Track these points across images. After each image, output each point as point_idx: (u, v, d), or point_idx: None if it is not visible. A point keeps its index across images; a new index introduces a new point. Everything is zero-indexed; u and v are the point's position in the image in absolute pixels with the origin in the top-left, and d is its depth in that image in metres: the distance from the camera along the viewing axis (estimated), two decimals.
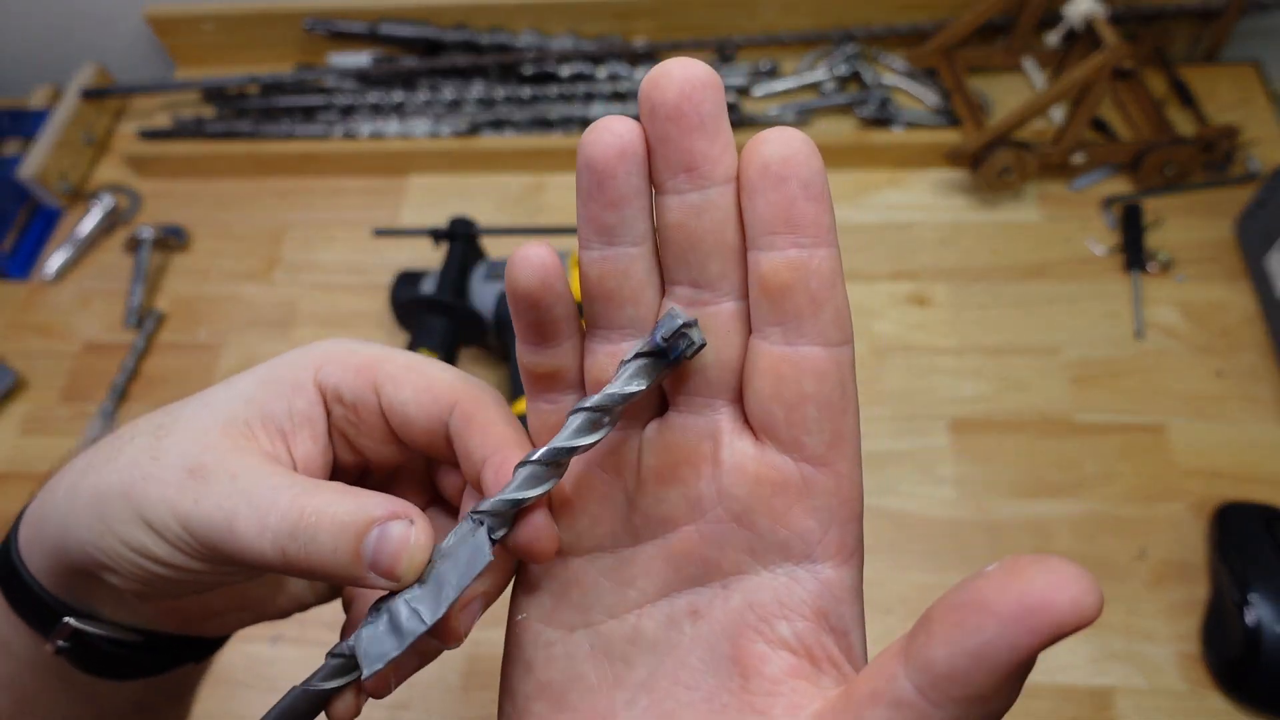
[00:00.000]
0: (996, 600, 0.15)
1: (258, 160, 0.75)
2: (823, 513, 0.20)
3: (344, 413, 0.24)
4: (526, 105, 0.74)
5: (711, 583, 0.20)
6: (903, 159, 0.69)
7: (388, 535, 0.20)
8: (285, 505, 0.21)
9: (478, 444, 0.22)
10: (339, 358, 0.24)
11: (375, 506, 0.21)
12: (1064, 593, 0.14)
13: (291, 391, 0.23)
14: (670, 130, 0.18)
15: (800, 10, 0.75)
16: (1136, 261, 0.62)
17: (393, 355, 0.24)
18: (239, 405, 0.23)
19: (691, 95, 0.18)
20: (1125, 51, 0.59)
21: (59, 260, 0.72)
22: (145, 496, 0.21)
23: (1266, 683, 0.46)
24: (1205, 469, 0.55)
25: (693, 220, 0.19)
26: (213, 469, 0.21)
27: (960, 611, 0.15)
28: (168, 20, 0.79)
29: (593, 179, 0.19)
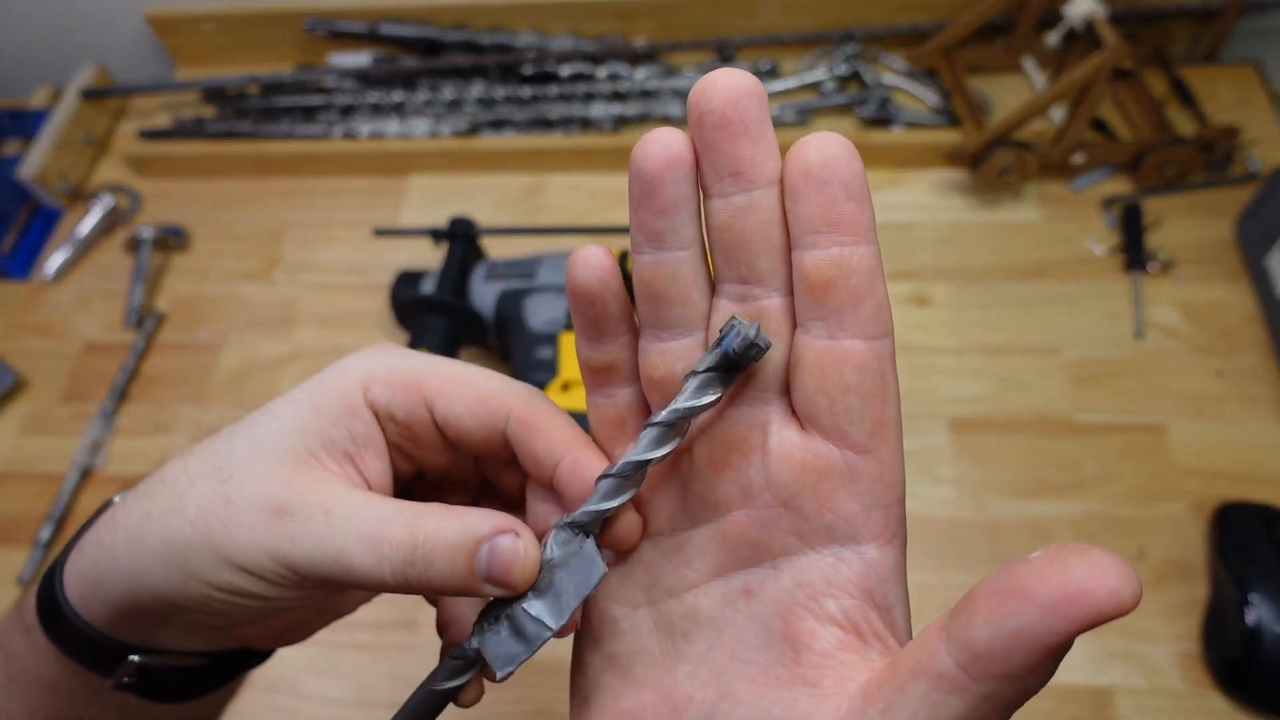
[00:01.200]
0: (1037, 587, 0.16)
1: (258, 160, 0.75)
2: (866, 497, 0.21)
3: (397, 429, 0.24)
4: (526, 105, 0.74)
5: (763, 564, 0.22)
6: (903, 159, 0.69)
7: (498, 550, 0.22)
8: (399, 536, 0.22)
9: (544, 449, 0.24)
10: (383, 375, 0.24)
11: (481, 524, 0.22)
12: (1103, 583, 0.15)
13: (347, 416, 0.24)
14: (717, 137, 0.20)
15: (800, 10, 0.75)
16: (1136, 261, 0.62)
17: (436, 366, 0.24)
18: (297, 437, 0.23)
19: (737, 104, 0.19)
20: (1125, 52, 0.59)
21: (59, 260, 0.72)
22: (232, 543, 0.22)
23: (1266, 682, 0.46)
24: (1205, 469, 0.55)
25: (740, 221, 0.20)
26: (299, 506, 0.22)
27: (1002, 595, 0.16)
28: (168, 20, 0.79)
29: (643, 188, 0.20)
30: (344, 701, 0.51)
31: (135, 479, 0.60)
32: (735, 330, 0.20)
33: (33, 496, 0.61)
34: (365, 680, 0.52)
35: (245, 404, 0.64)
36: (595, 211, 0.70)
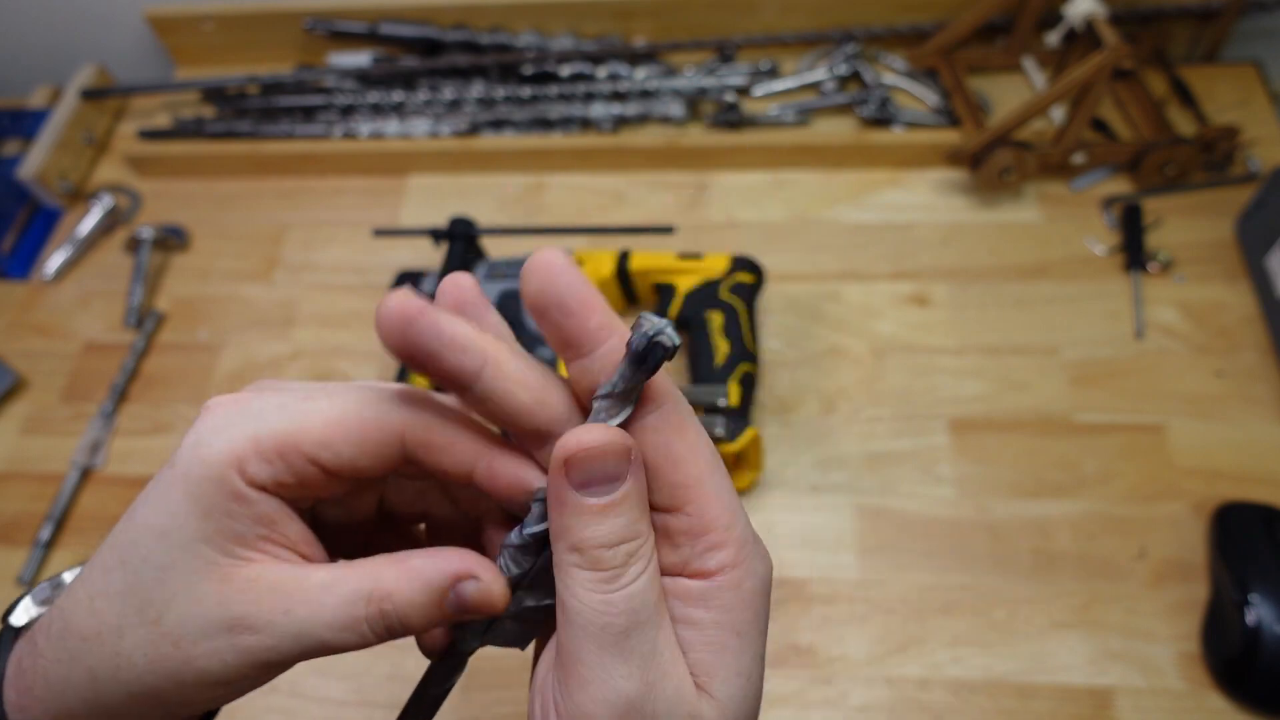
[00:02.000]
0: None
1: (258, 160, 0.75)
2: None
3: (293, 491, 0.23)
4: (526, 105, 0.74)
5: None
6: (903, 159, 0.69)
7: (464, 595, 0.23)
8: (368, 613, 0.22)
9: (450, 464, 0.23)
10: (252, 450, 0.22)
11: (438, 577, 0.22)
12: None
13: (237, 504, 0.22)
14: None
15: (800, 10, 0.75)
16: (1136, 261, 0.62)
17: (307, 414, 0.22)
18: (202, 548, 0.22)
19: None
20: (1125, 52, 0.59)
21: (59, 260, 0.72)
22: (203, 673, 0.22)
23: (1266, 682, 0.46)
24: (1205, 469, 0.55)
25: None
26: (254, 618, 0.22)
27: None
28: (168, 20, 0.79)
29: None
30: (344, 702, 0.51)
31: (135, 479, 0.61)
32: (644, 329, 0.20)
33: (32, 496, 0.61)
34: (365, 681, 0.52)
35: None
36: (595, 211, 0.71)
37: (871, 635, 0.51)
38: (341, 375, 0.64)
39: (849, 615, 0.51)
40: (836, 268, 0.65)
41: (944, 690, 0.49)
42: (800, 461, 0.57)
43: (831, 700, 0.49)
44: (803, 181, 0.70)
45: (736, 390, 0.53)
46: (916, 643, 0.50)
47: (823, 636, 0.51)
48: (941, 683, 0.49)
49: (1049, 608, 0.51)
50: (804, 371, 0.60)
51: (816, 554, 0.53)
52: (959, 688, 0.49)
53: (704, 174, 0.72)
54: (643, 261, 0.60)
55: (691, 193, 0.71)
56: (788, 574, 0.53)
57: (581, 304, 0.21)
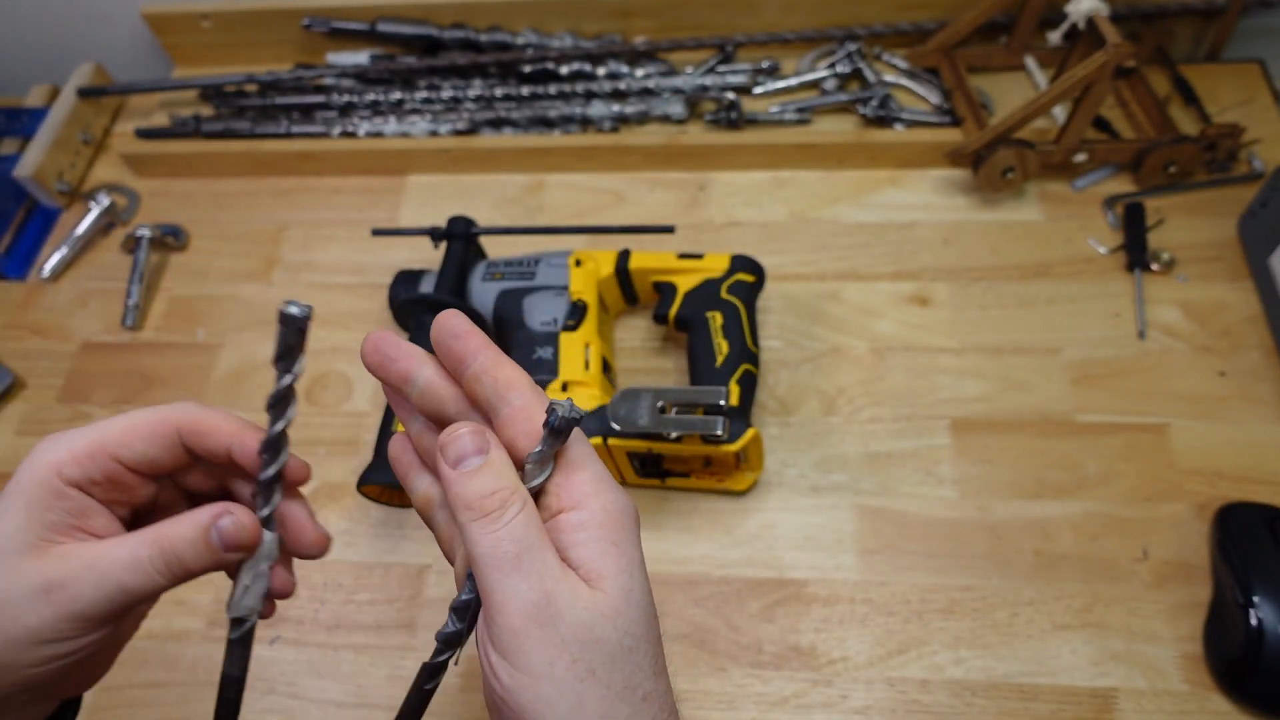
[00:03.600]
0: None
1: (256, 159, 0.74)
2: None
3: (103, 489, 0.30)
4: (525, 104, 0.74)
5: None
6: (904, 158, 0.69)
7: (223, 529, 0.29)
8: (150, 552, 0.28)
9: (214, 445, 0.31)
10: (68, 456, 0.29)
11: (200, 516, 0.29)
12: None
13: (55, 499, 0.29)
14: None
15: (801, 8, 0.74)
16: (1139, 261, 0.62)
17: (111, 424, 0.30)
18: (24, 534, 0.28)
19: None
20: (1127, 50, 0.58)
21: (56, 260, 0.72)
22: (25, 628, 0.27)
23: (1269, 684, 0.46)
24: (1207, 469, 0.54)
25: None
26: (64, 577, 0.28)
27: None
28: (166, 18, 0.79)
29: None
30: (343, 703, 0.51)
31: None
32: (557, 411, 0.27)
33: None
34: (364, 682, 0.52)
35: (243, 404, 0.63)
36: (595, 211, 0.70)
37: (872, 636, 0.51)
38: (340, 375, 0.64)
39: (849, 616, 0.51)
40: (837, 267, 0.65)
41: (945, 692, 0.49)
42: (800, 461, 0.57)
43: (832, 702, 0.49)
44: (803, 181, 0.70)
45: (736, 390, 0.53)
46: (917, 644, 0.50)
47: (823, 638, 0.51)
48: (942, 684, 0.49)
49: (1050, 609, 0.51)
50: (804, 371, 0.60)
51: (816, 555, 0.53)
52: (960, 689, 0.49)
53: (704, 173, 0.71)
54: (643, 261, 0.59)
55: (693, 192, 0.70)
56: (788, 575, 0.53)
57: (464, 331, 0.29)
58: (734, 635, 0.51)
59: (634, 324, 0.64)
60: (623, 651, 0.27)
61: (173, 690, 0.52)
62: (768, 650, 0.50)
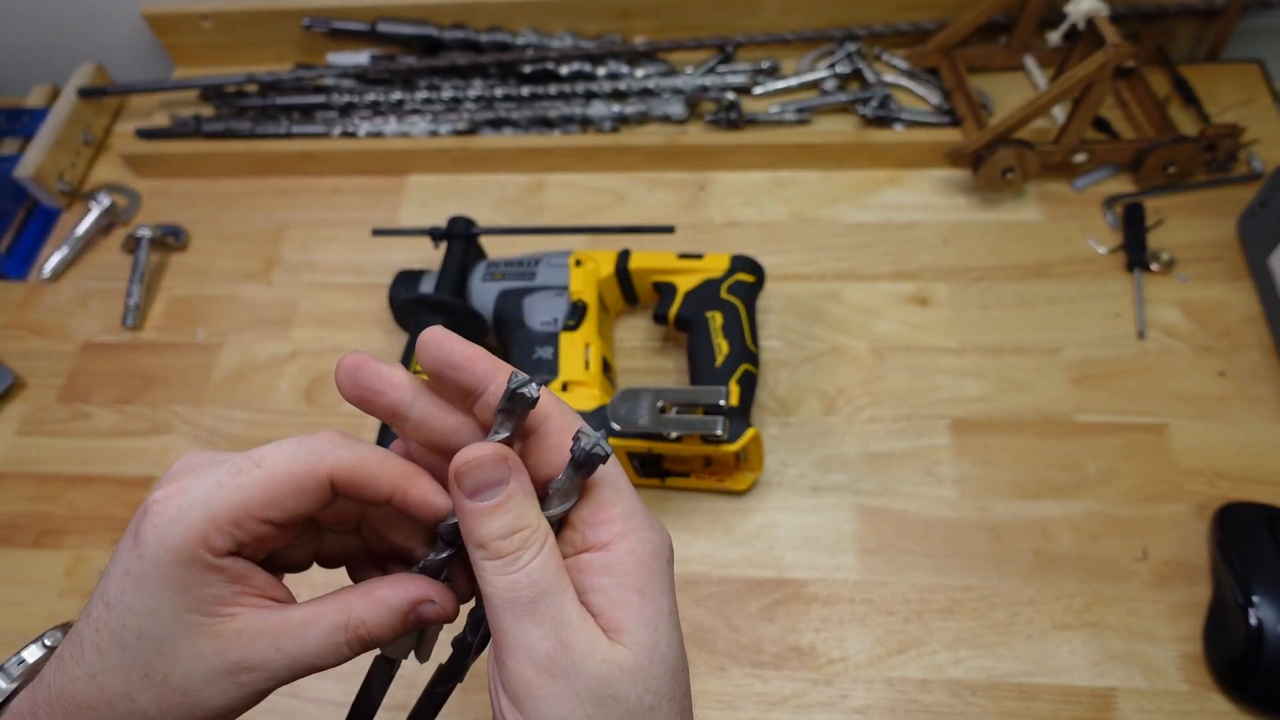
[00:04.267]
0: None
1: (256, 160, 0.74)
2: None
3: (254, 550, 0.27)
4: (526, 104, 0.74)
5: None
6: (904, 158, 0.69)
7: (424, 616, 0.28)
8: (346, 639, 0.27)
9: (374, 495, 0.27)
10: (209, 526, 0.25)
11: (399, 602, 0.28)
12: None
13: (214, 575, 0.26)
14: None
15: (801, 8, 0.74)
16: (1138, 261, 0.62)
17: (246, 487, 0.26)
18: (188, 616, 0.25)
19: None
20: (1127, 50, 0.58)
21: (57, 260, 0.72)
22: (214, 709, 0.26)
23: (1268, 684, 0.46)
24: (1207, 469, 0.54)
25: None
26: (250, 659, 0.26)
27: None
28: (166, 19, 0.79)
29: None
30: (344, 703, 0.51)
31: (133, 479, 0.60)
32: (580, 443, 0.26)
33: (30, 497, 0.61)
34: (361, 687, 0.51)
35: (243, 404, 0.63)
36: (595, 211, 0.70)
37: (872, 636, 0.51)
38: None
39: (849, 616, 0.51)
40: (837, 268, 0.65)
41: (945, 691, 0.49)
42: (800, 461, 0.57)
43: (832, 701, 0.49)
44: (803, 181, 0.70)
45: (736, 390, 0.53)
46: (917, 644, 0.50)
47: (823, 637, 0.51)
48: (942, 684, 0.49)
49: (1050, 609, 0.51)
50: (804, 371, 0.60)
51: (816, 555, 0.53)
52: (960, 689, 0.49)
53: (704, 173, 0.71)
54: (643, 261, 0.59)
55: (693, 192, 0.71)
56: (788, 574, 0.53)
57: (465, 358, 0.27)
58: (734, 635, 0.51)
59: (634, 324, 0.64)
60: (643, 710, 0.25)
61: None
62: (767, 650, 0.50)
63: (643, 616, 0.26)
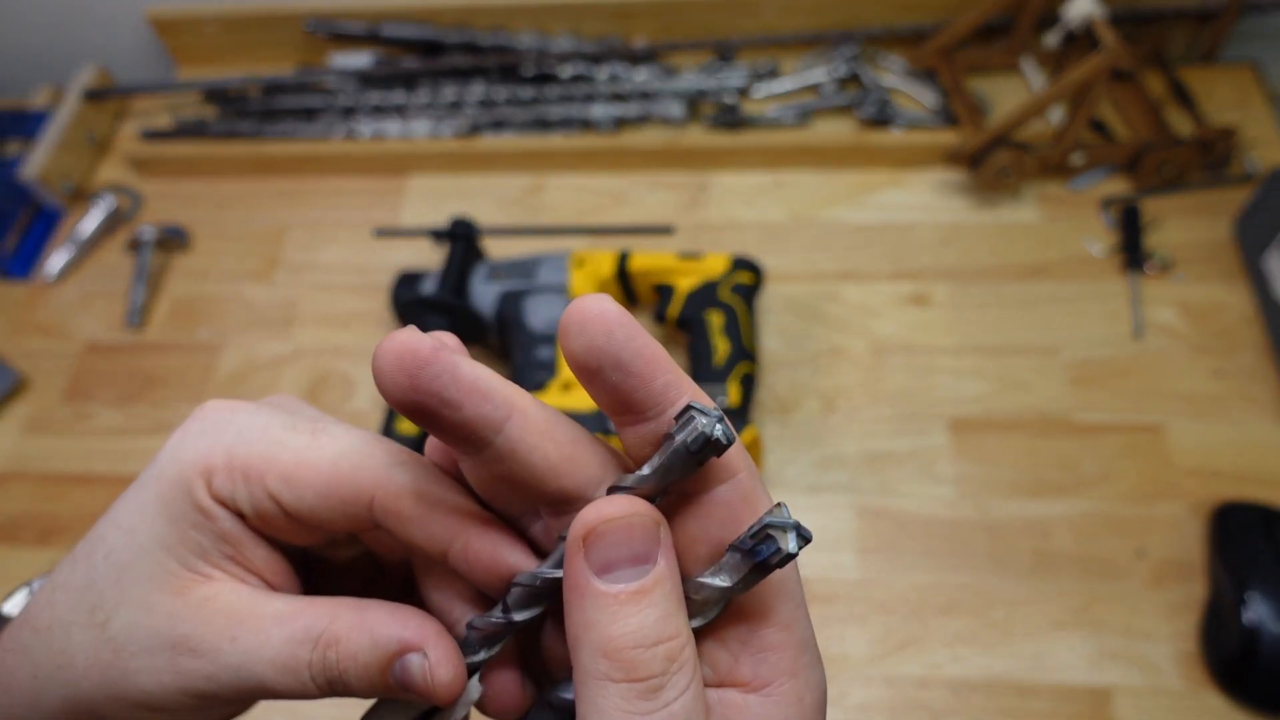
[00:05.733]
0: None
1: (259, 161, 0.75)
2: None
3: (251, 519, 0.21)
4: (527, 106, 0.74)
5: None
6: (902, 159, 0.70)
7: (408, 669, 0.20)
8: (312, 659, 0.20)
9: (423, 539, 0.21)
10: (223, 463, 0.21)
11: (388, 640, 0.20)
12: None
13: (202, 517, 0.21)
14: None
15: (800, 11, 0.75)
16: (1135, 261, 0.62)
17: (281, 446, 0.21)
18: (162, 555, 0.21)
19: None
20: (1124, 53, 0.59)
21: (61, 260, 0.72)
22: (139, 689, 0.21)
23: (1264, 681, 0.46)
24: (1204, 468, 0.55)
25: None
26: (200, 640, 0.20)
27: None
28: (169, 21, 0.79)
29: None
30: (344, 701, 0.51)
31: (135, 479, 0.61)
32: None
33: (34, 497, 0.61)
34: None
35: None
36: (595, 212, 0.71)
37: (871, 635, 0.51)
38: (341, 375, 0.64)
39: (848, 615, 0.52)
40: (836, 268, 0.65)
41: (943, 690, 0.49)
42: (800, 461, 0.57)
43: (831, 700, 0.49)
44: (802, 182, 0.70)
45: (736, 390, 0.53)
46: (916, 642, 0.50)
47: (822, 636, 0.51)
48: (941, 682, 0.49)
49: (1048, 607, 0.51)
50: (804, 371, 0.61)
51: (816, 554, 0.54)
52: (958, 687, 0.49)
53: (704, 174, 0.72)
54: (643, 262, 0.60)
55: (692, 193, 0.71)
56: None
57: (647, 362, 0.18)
58: None
59: None
60: None
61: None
62: None
63: None
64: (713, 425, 0.17)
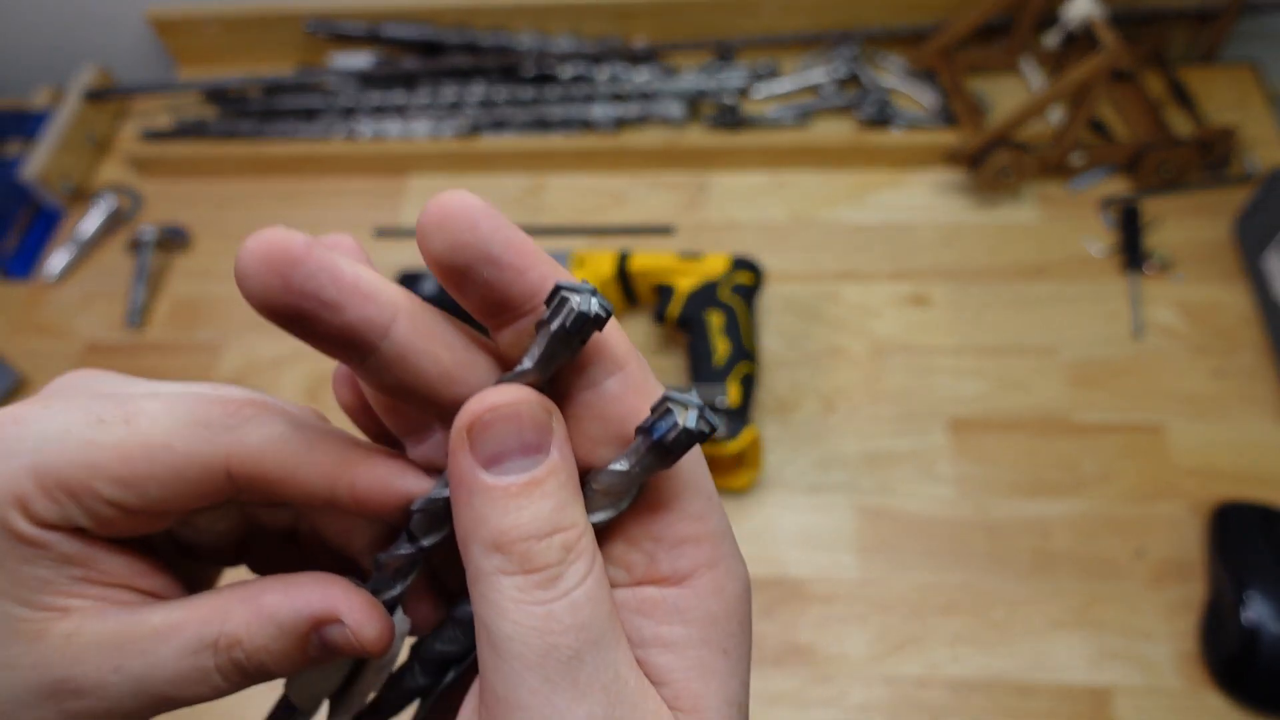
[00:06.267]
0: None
1: (259, 161, 0.75)
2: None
3: (105, 528, 0.18)
4: (527, 106, 0.74)
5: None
6: (902, 160, 0.70)
7: (331, 640, 0.19)
8: (218, 663, 0.18)
9: (297, 493, 0.19)
10: (33, 486, 0.17)
11: (295, 620, 0.18)
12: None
13: (31, 549, 0.17)
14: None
15: (799, 11, 0.75)
16: (1134, 261, 0.63)
17: (96, 447, 0.17)
18: (12, 606, 0.18)
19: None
20: (1123, 53, 0.59)
21: (61, 261, 0.72)
22: None
23: (1264, 681, 0.46)
24: (1203, 468, 0.55)
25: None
26: (78, 680, 0.18)
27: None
28: (170, 21, 0.79)
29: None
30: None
31: None
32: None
33: None
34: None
35: None
36: (595, 212, 0.71)
37: (870, 634, 0.51)
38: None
39: (848, 614, 0.52)
40: (836, 268, 0.65)
41: (943, 689, 0.49)
42: (800, 461, 0.57)
43: (831, 699, 0.49)
44: (802, 182, 0.71)
45: (736, 390, 0.53)
46: (915, 642, 0.50)
47: (822, 636, 0.51)
48: (940, 682, 0.49)
49: (1048, 607, 0.51)
50: (804, 371, 0.61)
51: (816, 553, 0.54)
52: (958, 686, 0.49)
53: (704, 174, 0.72)
54: (643, 262, 0.60)
55: (692, 193, 0.71)
56: (787, 573, 0.53)
57: (519, 253, 0.17)
58: None
59: (634, 324, 0.64)
60: None
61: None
62: (767, 647, 0.51)
63: (726, 692, 0.17)
64: (588, 301, 0.16)
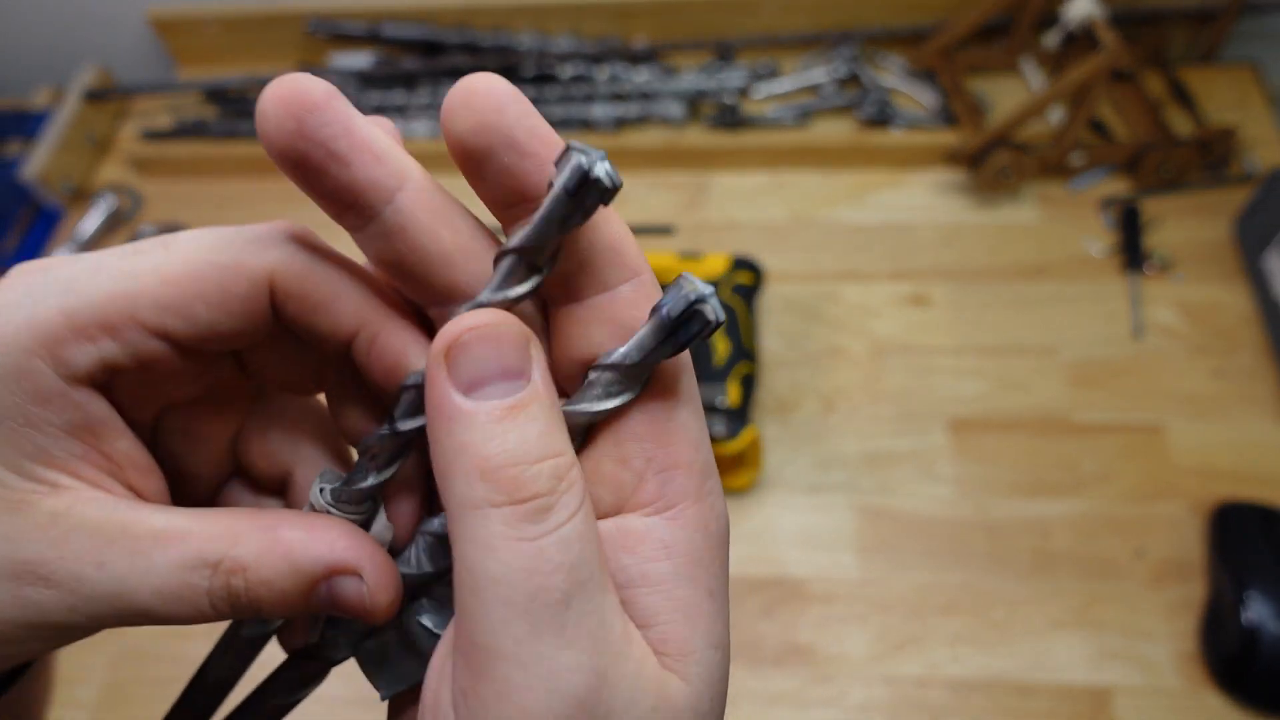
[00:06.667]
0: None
1: (259, 161, 0.75)
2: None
3: (131, 385, 0.17)
4: None
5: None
6: (902, 160, 0.70)
7: (342, 593, 0.17)
8: (211, 586, 0.17)
9: (328, 325, 0.18)
10: (64, 327, 0.16)
11: (312, 563, 0.17)
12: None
13: (41, 406, 0.16)
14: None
15: (800, 11, 0.75)
16: (1134, 261, 0.63)
17: (137, 273, 0.16)
18: (1, 470, 0.16)
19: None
20: (1123, 53, 0.59)
21: None
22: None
23: (1264, 680, 0.46)
24: (1203, 468, 0.55)
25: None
26: (54, 568, 0.16)
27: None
28: (170, 22, 0.79)
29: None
30: (343, 700, 0.51)
31: None
32: (684, 292, 0.16)
33: None
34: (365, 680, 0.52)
35: None
36: None
37: (870, 634, 0.51)
38: None
39: (848, 614, 0.52)
40: (836, 268, 0.65)
41: (943, 689, 0.49)
42: (799, 461, 0.57)
43: (831, 699, 0.49)
44: (802, 182, 0.71)
45: (736, 390, 0.53)
46: (915, 642, 0.50)
47: (822, 635, 0.51)
48: (940, 681, 0.49)
49: (1048, 607, 0.51)
50: (803, 371, 0.61)
51: (815, 553, 0.54)
52: (958, 686, 0.49)
53: (704, 174, 0.72)
54: None
55: (692, 193, 0.71)
56: (787, 573, 0.53)
57: (543, 142, 0.16)
58: (733, 632, 0.51)
59: None
60: None
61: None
62: (767, 647, 0.51)
63: (712, 634, 0.16)
64: (594, 162, 0.15)
